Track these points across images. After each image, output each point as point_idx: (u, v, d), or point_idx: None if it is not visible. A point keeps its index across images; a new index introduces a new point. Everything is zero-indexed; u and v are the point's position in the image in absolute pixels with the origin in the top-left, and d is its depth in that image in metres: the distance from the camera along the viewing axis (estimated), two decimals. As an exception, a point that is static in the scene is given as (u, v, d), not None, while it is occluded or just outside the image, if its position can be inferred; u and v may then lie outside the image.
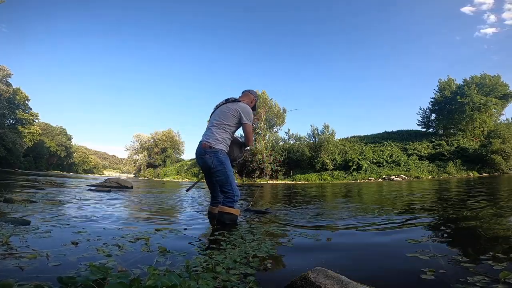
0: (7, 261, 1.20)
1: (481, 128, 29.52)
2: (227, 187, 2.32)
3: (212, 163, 2.33)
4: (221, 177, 2.33)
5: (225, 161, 2.36)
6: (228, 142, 2.45)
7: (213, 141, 2.36)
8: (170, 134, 60.50)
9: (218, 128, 2.41)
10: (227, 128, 2.43)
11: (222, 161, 2.34)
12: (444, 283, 1.03)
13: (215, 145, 2.34)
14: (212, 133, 2.40)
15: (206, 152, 2.36)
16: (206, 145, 2.36)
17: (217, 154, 2.34)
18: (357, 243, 1.73)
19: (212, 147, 2.34)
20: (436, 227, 2.17)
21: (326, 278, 0.94)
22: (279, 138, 35.31)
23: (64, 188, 7.11)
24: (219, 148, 2.35)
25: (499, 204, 3.59)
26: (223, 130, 2.41)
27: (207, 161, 2.35)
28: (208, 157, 2.35)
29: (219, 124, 2.42)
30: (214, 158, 2.33)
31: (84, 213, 2.81)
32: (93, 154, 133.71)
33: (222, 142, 2.39)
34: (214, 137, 2.38)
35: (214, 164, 2.33)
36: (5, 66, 41.37)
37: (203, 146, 2.38)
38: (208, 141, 2.37)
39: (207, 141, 2.37)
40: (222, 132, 2.40)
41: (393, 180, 22.62)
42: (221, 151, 2.37)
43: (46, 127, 63.52)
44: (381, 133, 38.51)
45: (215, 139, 2.37)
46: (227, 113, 2.44)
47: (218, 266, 1.19)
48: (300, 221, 2.62)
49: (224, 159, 2.36)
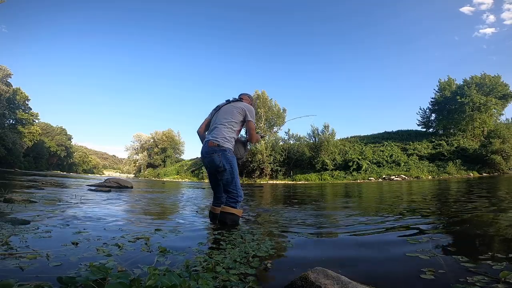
0: (7, 261, 1.20)
1: (481, 128, 29.52)
2: (231, 186, 2.31)
3: (220, 162, 2.29)
4: (228, 177, 2.31)
5: (233, 161, 2.35)
6: (233, 142, 2.45)
7: (221, 139, 2.33)
8: (170, 134, 60.49)
9: (226, 127, 2.39)
10: (234, 127, 2.43)
11: (230, 160, 2.32)
12: (444, 283, 1.03)
13: (223, 144, 2.32)
14: (220, 131, 2.37)
15: (214, 151, 2.32)
16: (214, 144, 2.32)
17: (225, 153, 2.31)
18: (357, 243, 1.73)
19: (221, 146, 2.31)
20: (436, 227, 2.17)
21: (326, 278, 0.94)
22: (279, 138, 35.28)
23: (64, 188, 7.11)
24: (227, 147, 2.33)
25: (499, 204, 3.59)
26: (230, 129, 2.40)
27: (215, 159, 2.31)
28: (216, 155, 2.31)
29: (226, 122, 2.40)
30: (222, 157, 2.30)
31: (84, 213, 2.81)
32: (93, 154, 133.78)
33: (229, 141, 2.38)
34: (222, 136, 2.35)
35: (222, 163, 2.29)
36: (5, 66, 41.40)
37: (210, 144, 2.34)
38: (216, 139, 2.33)
39: (215, 140, 2.33)
40: (229, 131, 2.39)
41: (393, 180, 22.62)
42: (229, 150, 2.35)
43: (46, 127, 63.53)
44: (381, 133, 38.50)
45: (223, 138, 2.34)
46: (233, 111, 2.44)
47: (218, 266, 1.19)
48: (300, 220, 2.62)
49: (232, 158, 2.34)
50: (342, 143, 34.24)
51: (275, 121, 36.25)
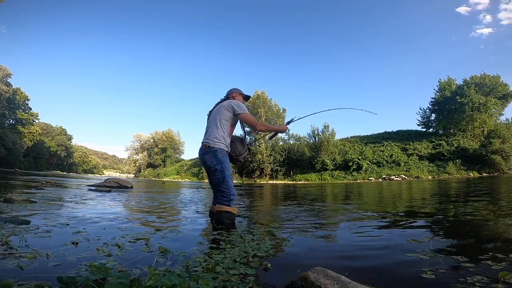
0: (7, 261, 1.20)
1: (481, 128, 29.53)
2: (223, 186, 2.37)
3: (211, 163, 2.40)
4: (219, 176, 2.38)
5: (223, 160, 2.41)
6: (226, 140, 2.49)
7: (211, 140, 2.43)
8: (170, 134, 60.50)
9: (216, 127, 2.47)
10: (225, 125, 2.48)
11: (221, 160, 2.39)
12: (444, 283, 1.03)
13: (213, 145, 2.41)
14: (211, 133, 2.48)
15: (206, 152, 2.44)
16: (206, 146, 2.45)
17: (216, 153, 2.39)
18: (357, 243, 1.73)
19: (211, 147, 2.41)
20: (436, 227, 2.17)
21: (326, 278, 0.93)
22: (279, 138, 35.29)
23: (64, 188, 7.11)
24: (217, 148, 2.41)
25: (498, 204, 3.59)
26: (220, 128, 2.47)
27: (206, 160, 2.43)
28: (207, 156, 2.42)
29: (216, 123, 2.49)
30: (213, 158, 2.39)
31: (84, 213, 2.81)
32: (93, 154, 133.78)
33: (220, 141, 2.44)
34: (213, 136, 2.44)
35: (212, 163, 2.39)
36: (5, 66, 41.44)
37: (204, 147, 2.47)
38: (207, 141, 2.45)
39: (207, 141, 2.45)
40: (220, 130, 2.47)
41: (393, 180, 22.62)
42: (220, 150, 2.42)
43: (46, 127, 63.53)
44: (381, 133, 38.51)
45: (214, 138, 2.43)
46: (221, 110, 2.52)
47: (218, 266, 1.19)
48: (300, 220, 2.62)
49: (222, 158, 2.41)
50: (342, 143, 34.26)
51: (275, 121, 36.23)
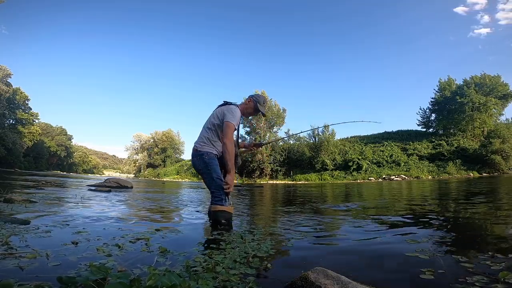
0: (7, 261, 1.20)
1: (481, 128, 29.53)
2: (213, 187, 2.39)
3: (199, 165, 2.45)
4: (207, 178, 2.43)
5: (210, 163, 2.43)
6: (216, 144, 2.50)
7: (199, 144, 2.49)
8: (170, 134, 60.50)
9: (206, 131, 2.53)
10: (212, 128, 2.51)
11: (207, 163, 2.42)
12: (444, 283, 1.03)
13: (200, 148, 2.47)
14: (200, 137, 2.53)
15: (194, 155, 2.51)
16: (195, 149, 2.51)
17: (203, 156, 2.43)
18: (357, 242, 1.73)
19: (198, 150, 2.46)
20: (436, 227, 2.17)
21: (326, 278, 0.94)
22: (279, 138, 35.26)
23: (64, 188, 7.11)
24: (204, 151, 2.45)
25: (498, 204, 3.59)
26: (209, 132, 2.51)
27: (195, 163, 2.50)
28: (196, 160, 2.49)
29: (206, 127, 2.54)
30: (200, 161, 2.44)
31: (84, 213, 2.81)
32: (93, 154, 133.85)
33: (207, 144, 2.48)
34: (201, 140, 2.50)
35: (200, 166, 2.44)
36: (5, 66, 41.45)
37: (193, 150, 2.54)
38: (196, 145, 2.52)
39: (195, 145, 2.53)
40: (208, 134, 2.51)
41: (393, 180, 22.63)
42: (206, 153, 2.45)
43: (46, 127, 63.53)
44: (381, 133, 38.52)
45: (201, 142, 2.49)
46: (214, 114, 2.55)
47: (218, 266, 1.19)
48: (300, 221, 2.62)
49: (208, 161, 2.43)
50: (342, 143, 34.26)
51: (275, 121, 36.22)
